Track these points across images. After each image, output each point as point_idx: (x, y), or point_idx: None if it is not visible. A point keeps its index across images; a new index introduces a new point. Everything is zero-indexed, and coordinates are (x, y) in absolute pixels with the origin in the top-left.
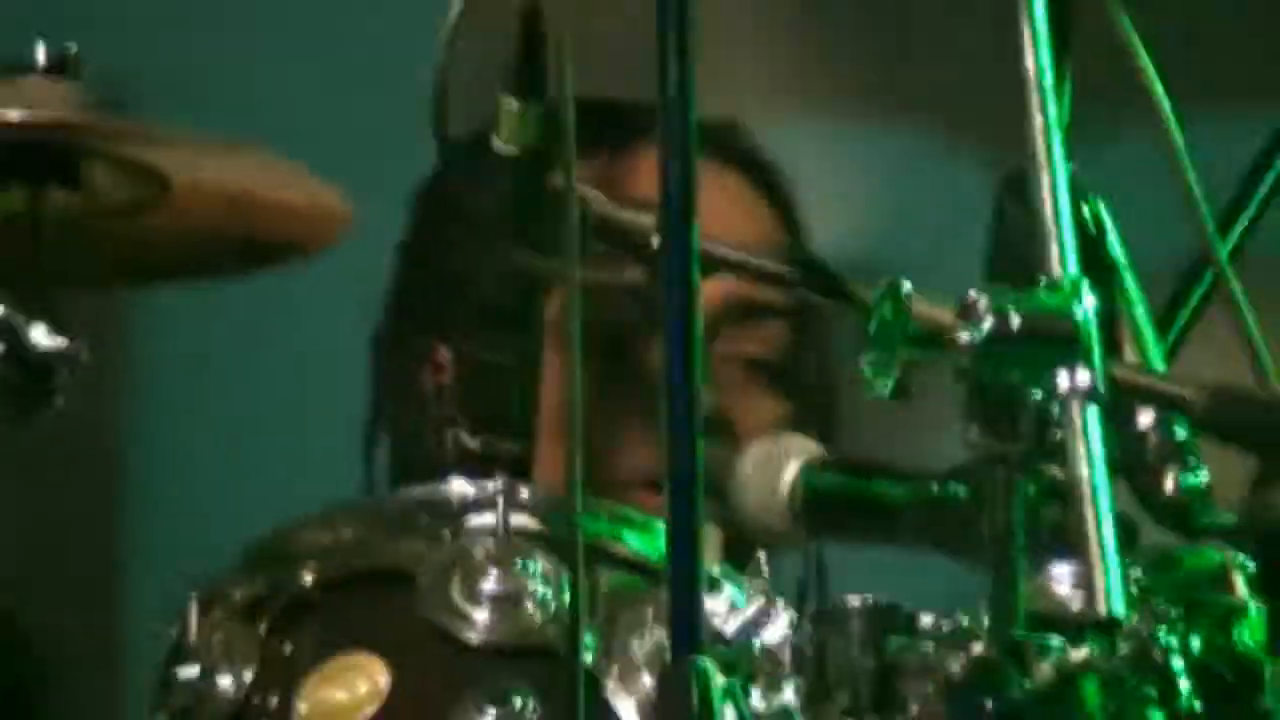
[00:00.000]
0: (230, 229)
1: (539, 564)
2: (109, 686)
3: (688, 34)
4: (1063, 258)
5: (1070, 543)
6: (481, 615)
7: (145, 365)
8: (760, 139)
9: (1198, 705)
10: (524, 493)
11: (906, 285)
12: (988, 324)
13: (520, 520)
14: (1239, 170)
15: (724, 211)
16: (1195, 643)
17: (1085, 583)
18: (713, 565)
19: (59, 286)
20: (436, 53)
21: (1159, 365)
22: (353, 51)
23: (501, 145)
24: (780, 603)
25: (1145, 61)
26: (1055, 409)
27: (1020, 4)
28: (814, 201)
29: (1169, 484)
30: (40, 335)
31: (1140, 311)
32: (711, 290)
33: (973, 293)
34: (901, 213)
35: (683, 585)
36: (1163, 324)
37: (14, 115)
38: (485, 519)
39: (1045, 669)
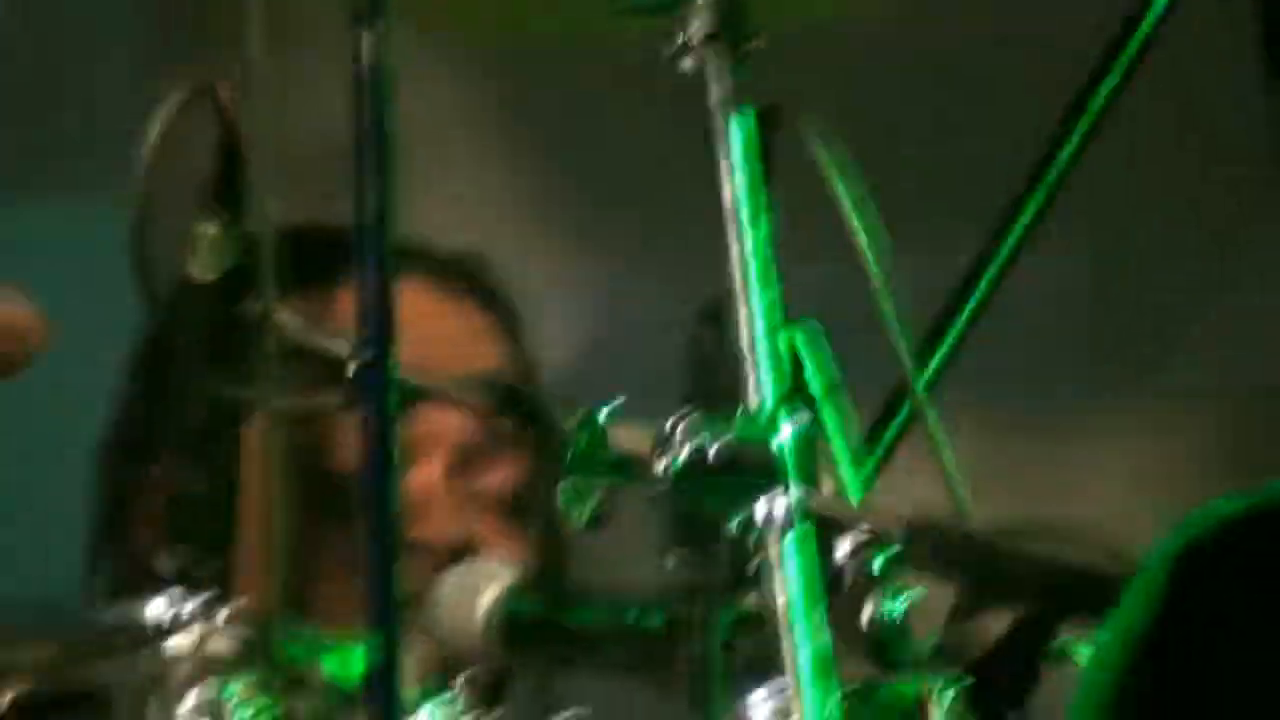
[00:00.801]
0: None
1: (239, 688)
2: None
3: (386, 156)
4: (762, 386)
5: (768, 672)
6: None
7: None
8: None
9: None
10: (222, 615)
11: (602, 414)
12: (684, 452)
13: (218, 643)
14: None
15: (462, 341)
16: None
17: (784, 713)
18: (413, 687)
19: None
20: (136, 175)
21: (857, 496)
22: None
23: (197, 271)
24: None
25: (847, 191)
26: (753, 538)
27: (719, 134)
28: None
29: (867, 614)
30: None
31: (839, 441)
32: (459, 423)
33: (668, 421)
34: (615, 340)
35: (381, 712)
36: (865, 454)
37: None
38: (183, 641)
39: None
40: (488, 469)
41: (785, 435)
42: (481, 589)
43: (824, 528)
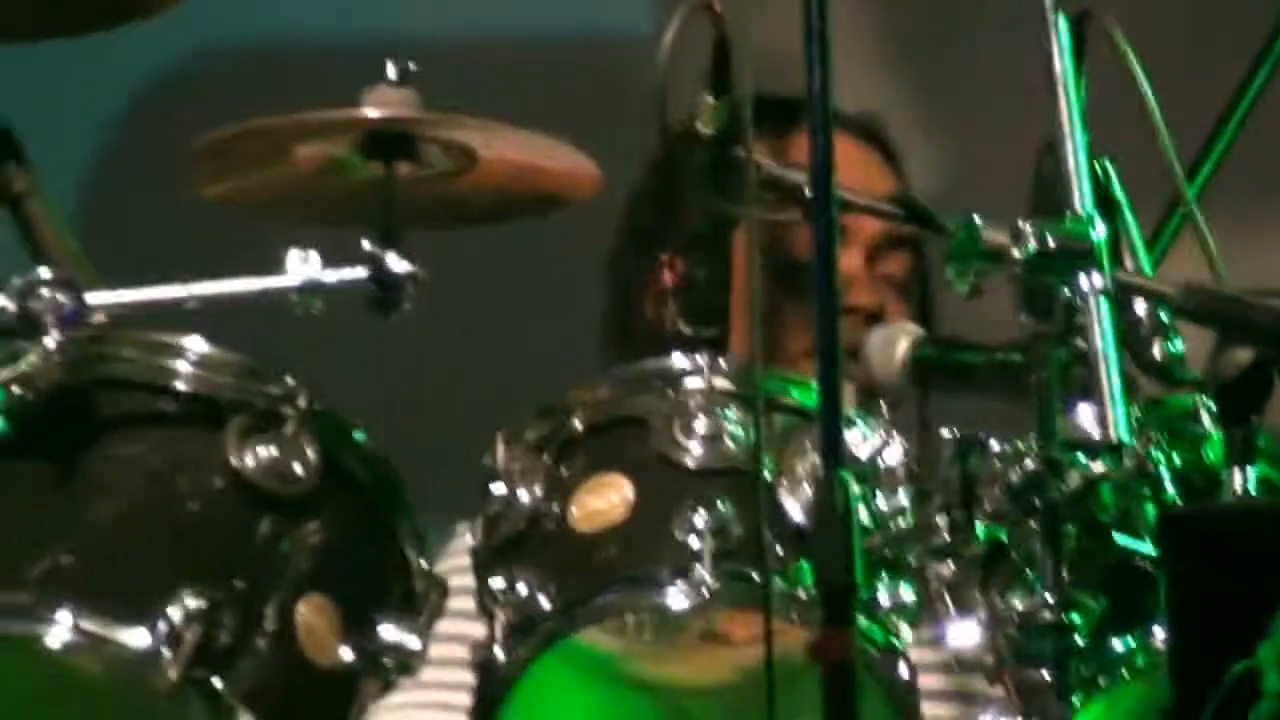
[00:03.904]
0: (517, 188)
1: (733, 412)
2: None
3: (827, 47)
4: (1082, 198)
5: (1090, 391)
6: (695, 447)
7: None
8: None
9: (1177, 501)
10: (722, 363)
11: (976, 218)
12: (1032, 245)
13: (720, 382)
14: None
15: (862, 173)
16: (1176, 459)
17: (1101, 419)
18: (850, 410)
19: (406, 228)
20: (659, 64)
21: (1149, 270)
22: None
23: (703, 128)
24: (896, 435)
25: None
26: (1079, 301)
27: (1048, 24)
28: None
29: (1156, 351)
30: (394, 262)
31: (1135, 235)
32: (871, 227)
33: (1021, 222)
34: (981, 166)
35: (830, 424)
36: (1151, 242)
37: (374, 113)
38: (696, 381)
39: (1075, 477)
40: (889, 259)
41: (1099, 231)
42: (897, 341)
43: (1126, 293)
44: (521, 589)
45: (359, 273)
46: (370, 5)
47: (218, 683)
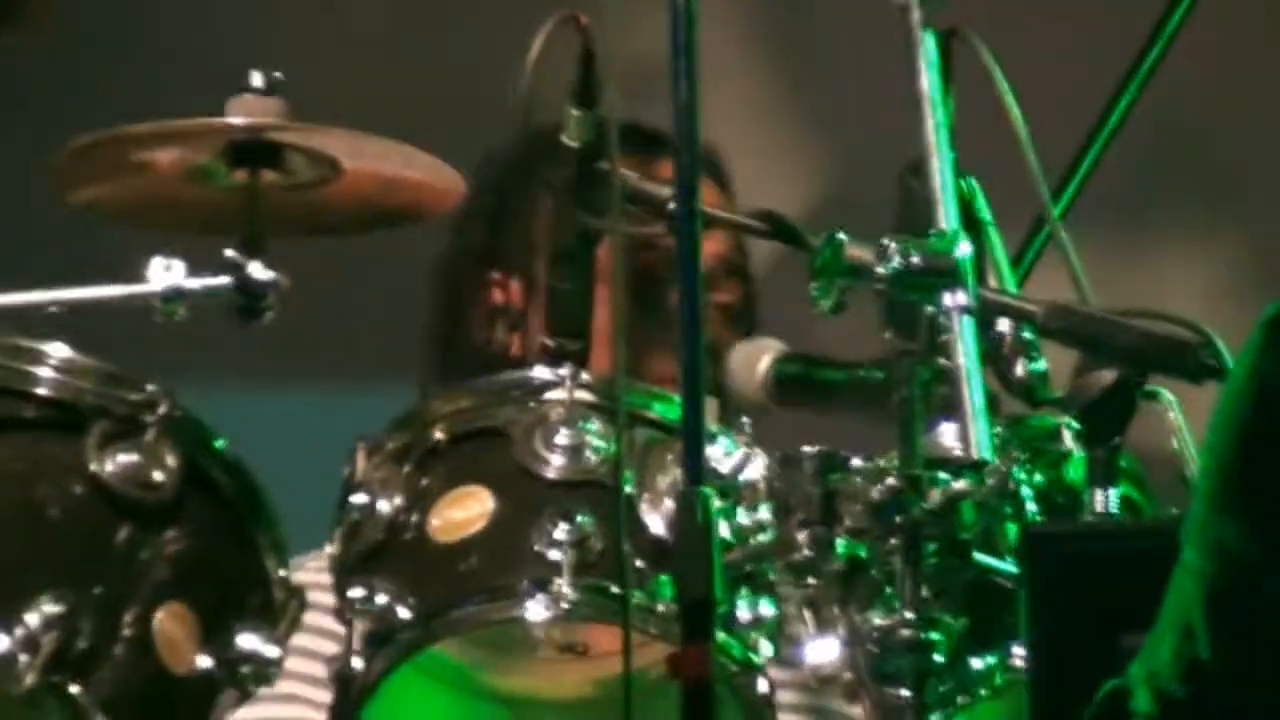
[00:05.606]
0: (382, 198)
1: (595, 424)
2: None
3: (694, 60)
4: (947, 216)
5: (952, 409)
6: (556, 459)
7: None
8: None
9: (1039, 519)
10: (584, 377)
11: (841, 235)
12: (896, 262)
13: (582, 395)
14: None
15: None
16: (1037, 478)
17: (963, 437)
18: (712, 425)
19: (269, 237)
20: (522, 77)
21: (1012, 289)
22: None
23: (568, 140)
24: (758, 451)
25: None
26: (943, 319)
27: (915, 42)
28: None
29: (1019, 370)
30: (257, 270)
31: (1000, 253)
32: (706, 256)
33: (886, 240)
34: (845, 185)
35: (692, 439)
36: (1016, 261)
37: (239, 121)
38: (558, 394)
39: (936, 495)
40: (723, 288)
41: (962, 250)
42: (759, 358)
43: (990, 311)
44: (380, 599)
45: (223, 280)
46: (236, 17)
47: (75, 689)
